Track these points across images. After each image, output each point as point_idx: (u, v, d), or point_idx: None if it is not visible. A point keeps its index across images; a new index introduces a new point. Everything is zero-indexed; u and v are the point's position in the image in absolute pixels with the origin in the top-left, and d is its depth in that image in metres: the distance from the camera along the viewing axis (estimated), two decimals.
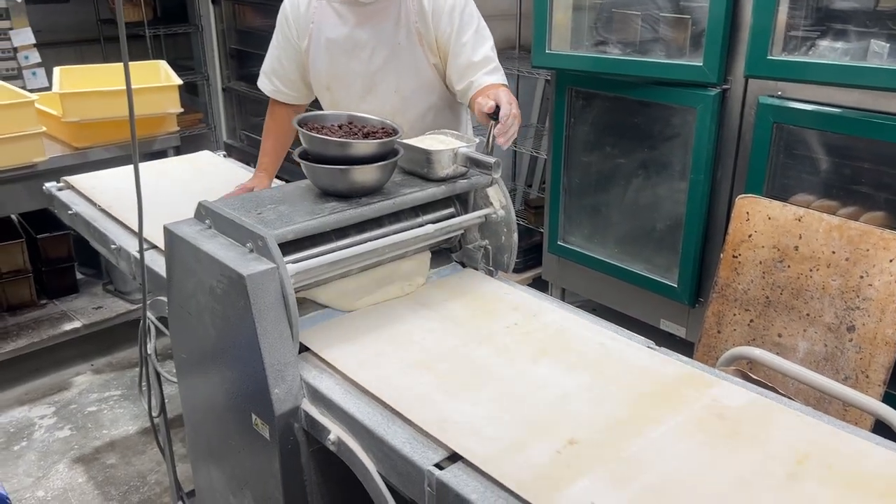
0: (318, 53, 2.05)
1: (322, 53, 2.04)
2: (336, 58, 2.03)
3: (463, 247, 1.78)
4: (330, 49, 2.02)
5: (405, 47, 1.99)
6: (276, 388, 1.31)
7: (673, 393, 1.26)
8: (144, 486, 2.41)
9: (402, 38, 1.98)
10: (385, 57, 2.00)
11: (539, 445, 1.12)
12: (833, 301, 2.19)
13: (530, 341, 1.43)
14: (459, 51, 1.96)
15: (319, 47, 2.04)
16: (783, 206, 2.31)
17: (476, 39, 1.97)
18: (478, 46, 1.97)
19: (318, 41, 2.04)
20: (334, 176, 1.46)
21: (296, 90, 2.19)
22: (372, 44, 1.99)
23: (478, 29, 1.99)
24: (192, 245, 1.41)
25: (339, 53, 2.02)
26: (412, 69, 2.02)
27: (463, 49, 1.96)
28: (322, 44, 2.03)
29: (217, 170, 2.47)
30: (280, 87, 2.19)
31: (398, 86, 2.03)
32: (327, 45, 2.03)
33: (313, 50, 2.06)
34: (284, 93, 2.20)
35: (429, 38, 1.99)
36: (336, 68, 2.04)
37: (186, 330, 1.54)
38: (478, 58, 1.95)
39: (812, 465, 1.08)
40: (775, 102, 2.28)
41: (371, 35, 1.98)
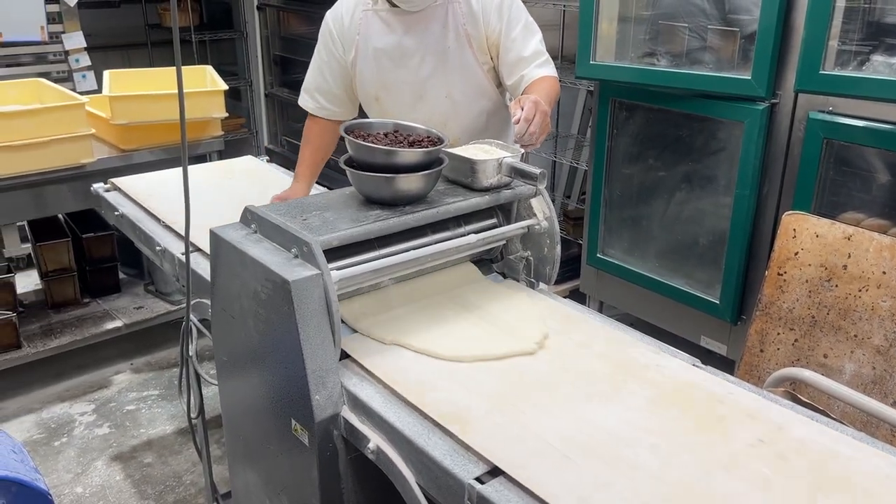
0: (365, 64, 2.05)
1: (370, 64, 2.04)
2: (384, 67, 2.03)
3: (504, 257, 1.76)
4: (378, 59, 2.03)
5: (454, 51, 2.00)
6: (317, 394, 1.31)
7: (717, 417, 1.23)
8: (180, 486, 2.44)
9: (452, 42, 1.99)
10: (434, 63, 2.00)
11: (581, 462, 1.10)
12: (882, 322, 2.13)
13: (575, 351, 1.41)
14: (510, 46, 1.97)
15: (367, 58, 2.04)
16: (832, 224, 2.25)
17: (525, 34, 1.98)
18: (527, 41, 1.98)
19: (364, 52, 2.04)
20: (379, 184, 1.46)
21: (340, 106, 2.19)
22: (421, 51, 1.99)
23: (526, 23, 2.00)
24: (238, 249, 1.42)
25: (387, 62, 2.02)
26: (463, 73, 2.02)
27: (513, 45, 1.97)
28: (370, 54, 2.03)
29: (260, 174, 2.50)
30: (324, 104, 2.18)
31: (449, 91, 2.03)
32: (375, 54, 2.03)
33: (360, 61, 2.06)
34: (328, 109, 2.19)
35: (479, 39, 1.99)
36: (385, 78, 2.04)
37: (229, 333, 1.55)
38: (528, 52, 1.96)
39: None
40: (826, 118, 2.24)
41: (419, 42, 1.99)
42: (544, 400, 1.27)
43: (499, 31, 1.98)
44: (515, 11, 1.99)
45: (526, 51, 1.97)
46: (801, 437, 1.18)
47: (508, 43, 1.97)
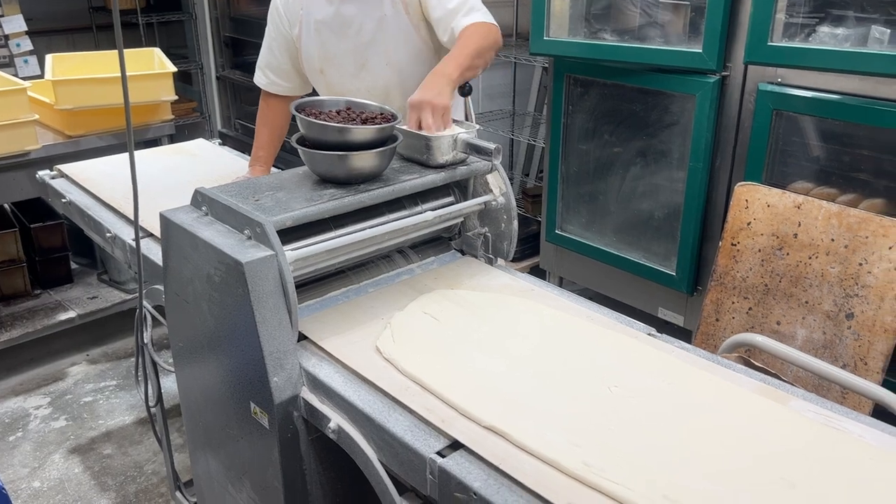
0: (308, 38, 2.04)
1: (312, 37, 2.03)
2: (326, 38, 2.01)
3: (462, 234, 1.76)
4: (319, 31, 2.01)
5: (391, 18, 1.97)
6: (276, 376, 1.30)
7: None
8: (141, 476, 2.40)
9: (388, 8, 1.96)
10: (372, 30, 1.98)
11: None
12: (832, 288, 2.18)
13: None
14: (436, 4, 1.91)
15: (310, 31, 2.03)
16: (782, 194, 2.30)
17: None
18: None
19: (307, 25, 2.03)
20: (332, 162, 1.44)
21: (290, 81, 2.18)
22: (359, 19, 1.97)
23: None
24: (189, 232, 1.39)
25: (328, 34, 2.01)
26: (401, 40, 1.99)
27: (439, 1, 1.91)
28: (311, 27, 2.02)
29: (212, 157, 2.45)
30: (274, 80, 2.18)
31: (389, 58, 2.00)
32: (317, 27, 2.01)
33: (304, 35, 2.05)
34: (279, 84, 2.18)
35: (413, 4, 1.96)
36: (327, 49, 2.03)
37: (183, 318, 1.53)
38: (452, 4, 1.89)
39: None
40: (775, 89, 2.27)
41: (357, 10, 1.96)
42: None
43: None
44: None
45: (451, 3, 1.89)
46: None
47: (434, 1, 1.91)
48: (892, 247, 2.06)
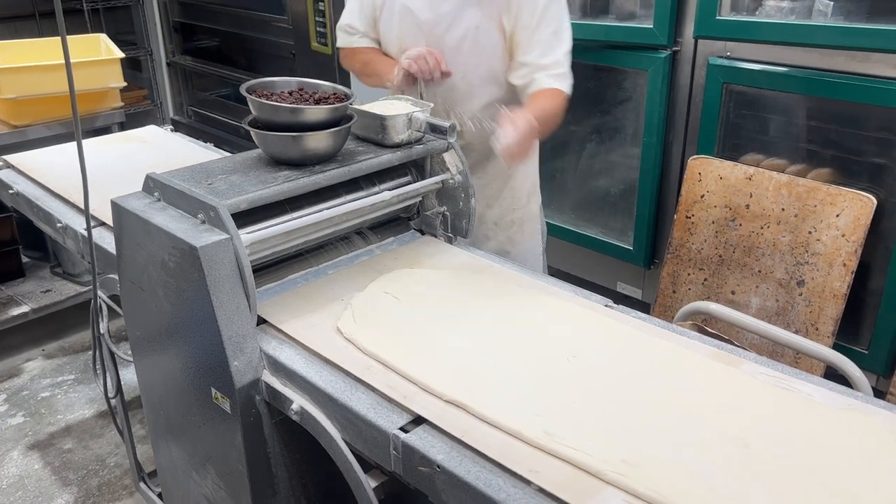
0: (389, 21, 1.89)
1: (394, 21, 1.87)
2: (406, 29, 1.85)
3: (421, 214, 1.76)
4: (403, 18, 1.85)
5: (484, 31, 1.81)
6: (236, 360, 1.29)
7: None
8: (104, 469, 2.37)
9: (483, 21, 1.80)
10: (460, 37, 1.82)
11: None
12: (783, 257, 2.24)
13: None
14: (530, 48, 1.78)
15: (392, 14, 1.87)
16: (734, 166, 2.35)
17: (552, 41, 1.79)
18: (551, 49, 1.78)
19: (391, 6, 1.87)
20: (286, 143, 1.43)
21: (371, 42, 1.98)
22: (447, 21, 1.81)
23: (557, 30, 1.79)
24: (142, 218, 1.37)
25: (410, 24, 1.84)
26: (486, 55, 1.84)
27: (534, 48, 1.78)
28: (396, 10, 1.86)
29: (165, 144, 2.40)
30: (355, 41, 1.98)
31: (466, 72, 1.85)
32: (401, 12, 1.85)
33: (385, 16, 1.89)
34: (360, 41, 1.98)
35: (508, 28, 1.81)
36: (403, 40, 1.86)
37: (140, 306, 1.51)
38: (547, 60, 1.78)
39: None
40: (724, 63, 2.31)
41: (450, 10, 1.80)
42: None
43: (525, 27, 1.78)
44: (552, 14, 1.79)
45: (546, 58, 1.78)
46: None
47: (531, 45, 1.78)
48: (839, 214, 2.12)
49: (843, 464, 0.99)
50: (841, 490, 0.95)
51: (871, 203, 2.05)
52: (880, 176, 2.12)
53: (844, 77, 2.09)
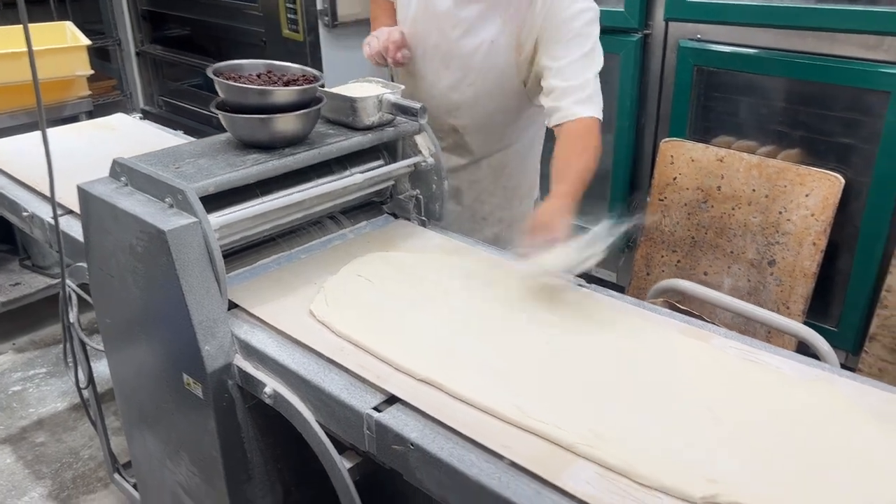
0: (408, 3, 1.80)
1: (412, 4, 1.78)
2: (421, 16, 1.76)
3: (394, 198, 1.76)
4: (421, 4, 1.76)
5: (499, 46, 1.70)
6: (207, 344, 1.28)
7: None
8: (78, 461, 2.34)
9: (501, 37, 1.69)
10: (473, 48, 1.72)
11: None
12: (755, 237, 2.27)
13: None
14: (558, 69, 1.63)
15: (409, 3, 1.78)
16: (705, 148, 2.37)
17: (583, 63, 1.63)
18: (581, 70, 1.62)
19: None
20: (254, 126, 1.41)
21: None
22: (464, 26, 1.71)
23: (588, 52, 1.64)
24: (109, 203, 1.35)
25: (426, 15, 1.75)
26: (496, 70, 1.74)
27: (563, 70, 1.63)
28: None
29: (134, 132, 2.37)
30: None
31: (475, 80, 1.77)
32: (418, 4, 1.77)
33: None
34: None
35: (527, 49, 1.70)
36: (416, 25, 1.78)
37: (109, 293, 1.49)
38: (576, 81, 1.62)
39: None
40: (695, 45, 2.32)
41: (470, 16, 1.70)
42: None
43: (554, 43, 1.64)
44: (586, 34, 1.64)
45: (575, 79, 1.62)
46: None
47: (558, 64, 1.63)
48: (808, 194, 2.15)
49: (810, 432, 1.01)
50: (809, 457, 0.96)
51: (839, 182, 2.08)
52: (848, 156, 2.15)
53: (812, 58, 2.11)
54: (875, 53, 1.99)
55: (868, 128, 2.08)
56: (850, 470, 0.94)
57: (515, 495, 0.94)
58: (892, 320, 2.06)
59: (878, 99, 2.01)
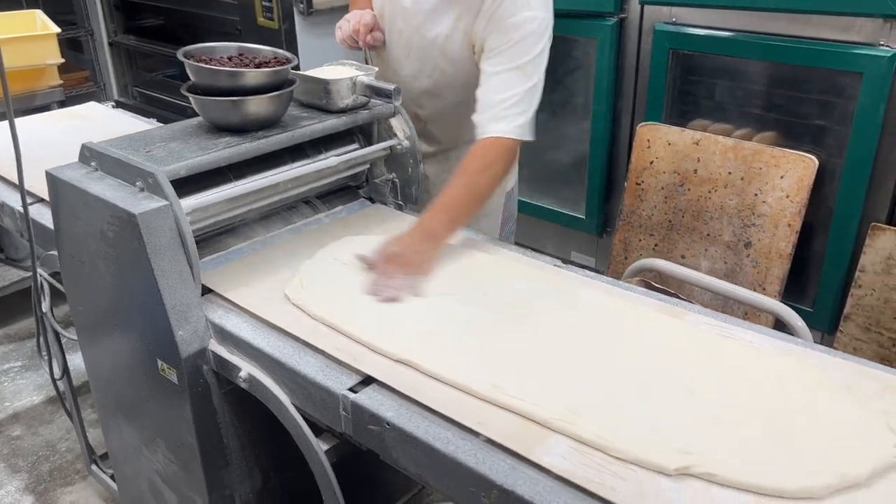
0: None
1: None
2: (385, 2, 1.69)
3: (370, 182, 1.75)
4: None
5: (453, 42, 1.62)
6: (181, 329, 1.27)
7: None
8: (55, 454, 2.31)
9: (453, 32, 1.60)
10: (432, 38, 1.63)
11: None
12: (731, 220, 2.28)
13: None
14: (487, 79, 1.53)
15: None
16: (682, 132, 2.38)
17: (516, 76, 1.50)
18: (511, 84, 1.50)
19: None
20: (226, 108, 1.39)
21: None
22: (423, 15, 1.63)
23: (524, 65, 1.51)
24: (79, 188, 1.33)
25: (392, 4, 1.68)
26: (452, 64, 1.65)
27: (491, 80, 1.52)
28: None
29: (106, 121, 2.33)
30: None
31: (433, 72, 1.69)
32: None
33: None
34: None
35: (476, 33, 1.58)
36: (384, 8, 1.71)
37: (81, 280, 1.46)
38: (501, 96, 1.50)
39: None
40: (670, 29, 2.33)
41: (430, 7, 1.61)
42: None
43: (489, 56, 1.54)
44: (528, 45, 1.51)
45: (500, 94, 1.50)
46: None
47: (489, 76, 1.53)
48: (783, 176, 2.16)
49: (783, 404, 1.02)
50: (781, 427, 0.97)
51: (814, 164, 2.10)
52: (822, 137, 2.17)
53: (786, 40, 2.12)
54: (848, 35, 2.00)
55: (841, 109, 2.10)
56: (821, 439, 0.95)
57: (491, 471, 0.94)
58: (865, 300, 2.09)
59: (851, 80, 2.03)
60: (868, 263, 2.06)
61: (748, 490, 0.88)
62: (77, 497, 2.16)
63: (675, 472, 0.90)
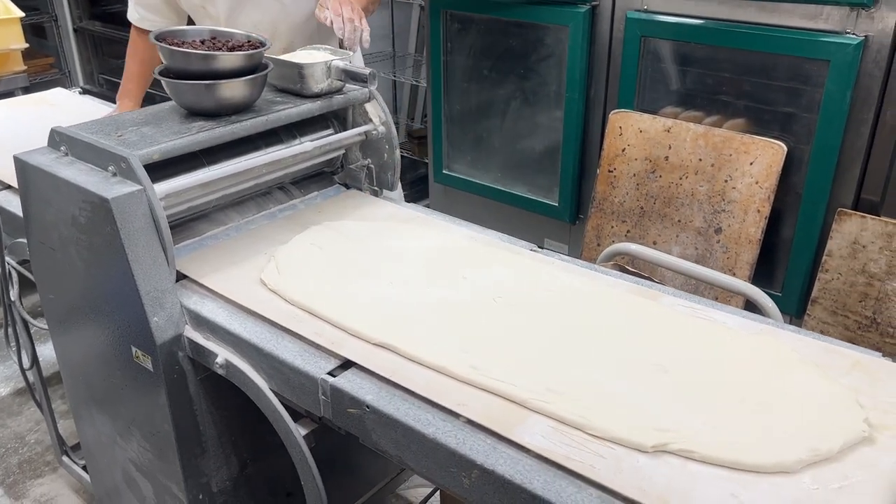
0: None
1: None
2: None
3: (345, 167, 1.74)
4: None
5: None
6: (155, 316, 1.25)
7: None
8: (24, 446, 2.28)
9: None
10: None
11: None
12: (702, 206, 2.31)
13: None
14: None
15: None
16: (653, 119, 2.40)
17: None
18: None
19: None
20: (199, 92, 1.38)
21: (163, 16, 2.02)
22: None
23: None
24: (48, 173, 1.30)
25: None
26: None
27: None
28: None
29: (73, 107, 2.29)
30: (146, 15, 2.02)
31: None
32: None
33: None
34: (150, 20, 2.02)
35: None
36: None
37: (52, 268, 1.44)
38: None
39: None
40: (642, 16, 2.34)
41: None
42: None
43: None
44: None
45: None
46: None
47: None
48: (752, 162, 2.20)
49: (755, 381, 1.04)
50: (754, 403, 0.99)
51: (782, 150, 2.13)
52: (790, 124, 2.20)
53: (755, 28, 2.15)
54: (815, 23, 2.03)
55: (809, 96, 2.13)
56: (793, 415, 0.97)
57: (471, 451, 0.94)
58: (832, 284, 2.13)
59: (818, 68, 2.06)
60: (835, 248, 2.11)
61: (723, 465, 0.90)
62: (48, 489, 2.13)
63: (652, 450, 0.92)
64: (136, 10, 2.04)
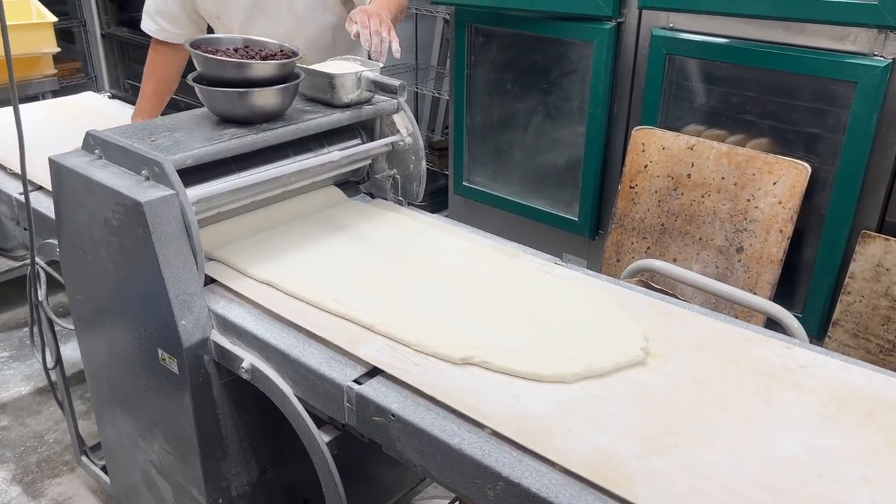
0: None
1: None
2: None
3: (371, 177, 1.75)
4: None
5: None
6: (183, 319, 1.27)
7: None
8: (42, 445, 2.30)
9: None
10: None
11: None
12: (723, 224, 2.31)
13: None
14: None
15: None
16: (676, 136, 2.40)
17: None
18: None
19: None
20: (232, 100, 1.40)
21: (182, 28, 2.03)
22: None
23: None
24: (83, 175, 1.32)
25: None
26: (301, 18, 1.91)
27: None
28: None
29: (103, 111, 2.33)
30: (164, 26, 2.03)
31: (290, 5, 1.92)
32: None
33: None
34: (169, 31, 2.03)
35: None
36: None
37: (81, 269, 1.46)
38: None
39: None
40: (667, 34, 2.35)
41: None
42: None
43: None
44: None
45: None
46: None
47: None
48: (776, 182, 2.19)
49: (564, 315, 1.25)
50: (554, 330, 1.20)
51: (806, 171, 2.13)
52: (814, 145, 2.20)
53: (781, 48, 2.15)
54: (842, 44, 2.03)
55: (834, 118, 2.12)
56: (584, 341, 1.17)
57: (497, 463, 0.95)
58: (854, 306, 2.12)
59: (845, 89, 2.06)
60: (857, 270, 2.09)
61: (513, 374, 1.09)
62: (65, 488, 2.15)
63: (460, 361, 1.11)
64: (153, 21, 2.04)
